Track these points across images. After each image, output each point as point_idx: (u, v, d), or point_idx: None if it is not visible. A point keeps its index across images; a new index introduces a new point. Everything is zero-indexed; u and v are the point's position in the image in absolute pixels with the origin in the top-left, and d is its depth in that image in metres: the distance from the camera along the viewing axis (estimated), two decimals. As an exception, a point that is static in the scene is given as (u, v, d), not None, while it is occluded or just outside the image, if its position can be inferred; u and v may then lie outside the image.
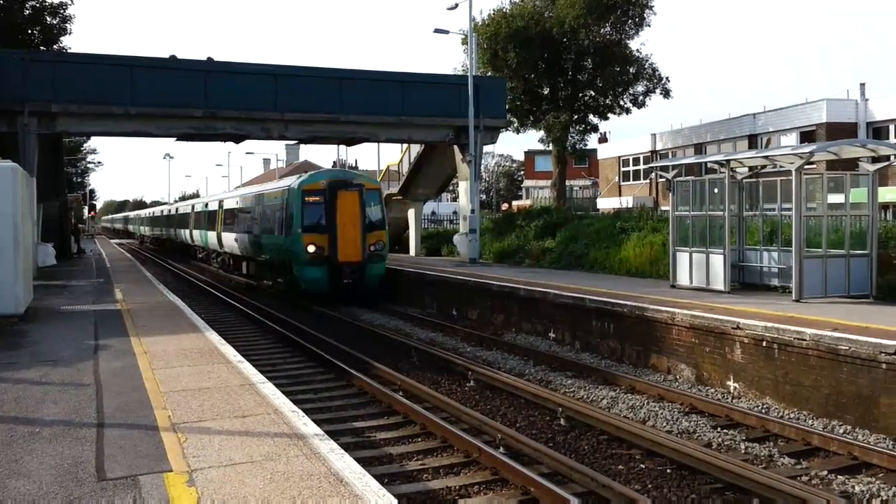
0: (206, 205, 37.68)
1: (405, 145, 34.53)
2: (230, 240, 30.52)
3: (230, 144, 40.56)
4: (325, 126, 26.85)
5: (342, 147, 46.78)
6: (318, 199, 21.77)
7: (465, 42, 32.31)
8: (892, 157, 15.48)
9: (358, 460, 6.64)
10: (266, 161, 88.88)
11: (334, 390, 11.81)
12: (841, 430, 9.70)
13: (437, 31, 29.16)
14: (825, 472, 8.23)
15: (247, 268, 29.36)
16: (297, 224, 21.73)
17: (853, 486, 7.87)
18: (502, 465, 7.98)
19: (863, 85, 33.24)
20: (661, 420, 10.16)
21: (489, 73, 34.07)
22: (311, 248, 21.29)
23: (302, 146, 67.75)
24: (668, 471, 8.26)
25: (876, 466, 8.42)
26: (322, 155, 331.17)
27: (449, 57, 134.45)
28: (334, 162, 49.81)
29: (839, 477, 8.12)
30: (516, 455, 8.44)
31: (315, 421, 7.53)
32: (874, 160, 15.01)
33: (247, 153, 78.53)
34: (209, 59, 25.79)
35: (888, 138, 29.52)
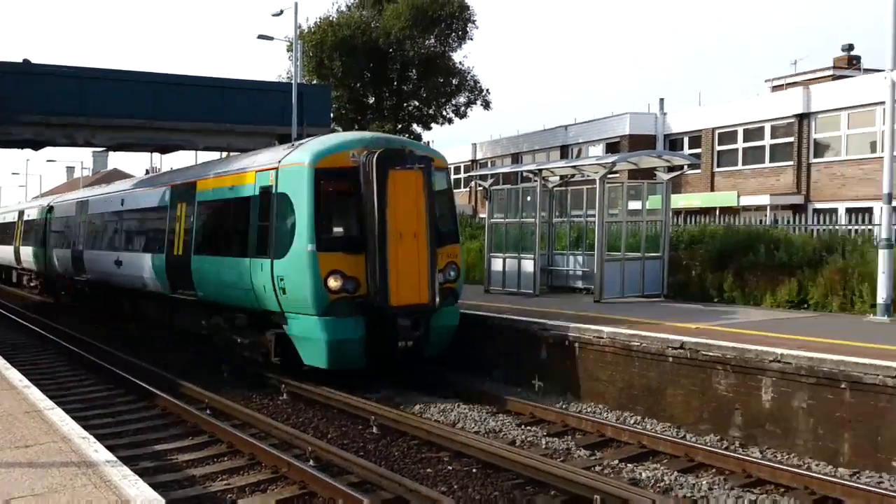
0: (51, 209, 27.44)
1: (226, 153, 33.44)
2: (105, 263, 20.13)
3: (28, 151, 36.73)
4: (137, 132, 25.36)
5: (156, 155, 44.48)
6: (344, 185, 11.87)
7: (290, 49, 31.87)
8: (685, 167, 17.01)
9: (156, 485, 6.36)
10: (70, 169, 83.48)
11: (136, 412, 11.16)
12: (632, 421, 10.47)
13: (261, 37, 28.59)
14: (616, 462, 8.86)
15: (157, 314, 18.29)
16: (302, 234, 11.64)
17: (640, 473, 8.50)
18: (311, 479, 7.91)
19: (662, 100, 36.25)
20: (469, 422, 10.51)
21: (315, 81, 33.81)
22: (332, 283, 11.45)
23: (111, 153, 63.84)
24: (475, 470, 8.55)
25: (662, 453, 9.16)
26: (134, 163, 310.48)
27: (274, 64, 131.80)
28: (147, 170, 46.97)
29: (629, 465, 8.75)
30: (326, 466, 8.40)
31: (110, 447, 7.16)
32: (669, 170, 16.40)
33: (48, 161, 71.95)
34: (25, 60, 23.64)
35: (683, 149, 32.18)
